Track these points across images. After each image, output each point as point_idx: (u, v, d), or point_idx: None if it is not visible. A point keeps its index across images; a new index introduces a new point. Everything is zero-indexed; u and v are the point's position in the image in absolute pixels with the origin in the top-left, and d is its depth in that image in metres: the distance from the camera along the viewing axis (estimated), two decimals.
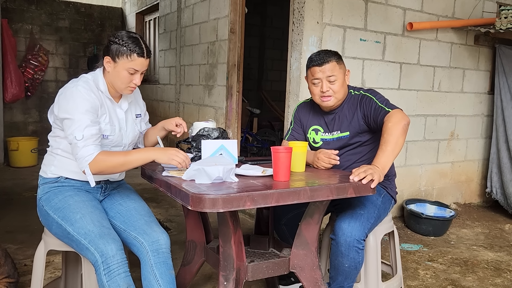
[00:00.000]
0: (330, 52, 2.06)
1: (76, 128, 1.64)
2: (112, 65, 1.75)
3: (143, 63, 1.77)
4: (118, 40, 1.73)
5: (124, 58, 1.73)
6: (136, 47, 1.73)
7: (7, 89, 5.87)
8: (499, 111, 4.25)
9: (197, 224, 1.99)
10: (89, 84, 1.76)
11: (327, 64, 2.00)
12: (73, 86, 1.72)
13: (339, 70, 2.03)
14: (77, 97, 1.68)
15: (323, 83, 2.02)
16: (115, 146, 1.86)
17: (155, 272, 1.68)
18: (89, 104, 1.69)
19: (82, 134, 1.64)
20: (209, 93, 4.59)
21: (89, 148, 1.65)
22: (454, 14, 4.03)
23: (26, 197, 4.19)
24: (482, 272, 2.85)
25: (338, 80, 2.02)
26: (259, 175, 1.74)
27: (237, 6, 4.08)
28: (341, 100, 2.08)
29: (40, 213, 1.84)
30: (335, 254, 1.89)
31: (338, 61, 2.04)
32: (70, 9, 6.88)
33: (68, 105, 1.68)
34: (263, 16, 7.77)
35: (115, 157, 1.69)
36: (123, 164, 1.69)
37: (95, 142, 1.68)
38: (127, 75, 1.75)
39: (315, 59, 2.03)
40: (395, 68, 3.75)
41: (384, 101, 1.99)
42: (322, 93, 2.03)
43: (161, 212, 3.88)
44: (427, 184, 4.17)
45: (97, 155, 1.65)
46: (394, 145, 1.82)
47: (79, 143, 1.64)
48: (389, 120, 1.88)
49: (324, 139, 2.15)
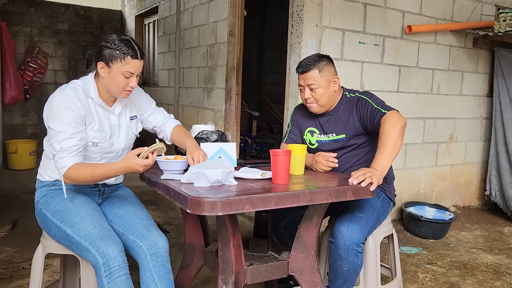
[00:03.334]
0: (314, 59, 2.05)
1: (56, 140, 1.66)
2: (106, 70, 1.72)
3: (138, 65, 1.73)
4: (110, 44, 1.69)
5: (118, 62, 1.69)
6: (130, 50, 1.69)
7: (6, 91, 5.87)
8: (498, 113, 4.26)
9: (196, 227, 1.98)
10: (76, 91, 1.73)
11: (308, 73, 2.02)
12: (59, 94, 1.70)
13: (320, 79, 2.02)
14: (61, 106, 1.67)
15: (305, 90, 2.06)
16: (107, 153, 1.83)
17: (153, 275, 1.68)
18: (72, 114, 1.67)
19: (61, 146, 1.66)
20: (208, 96, 4.59)
21: (65, 160, 1.66)
22: (453, 17, 4.04)
23: (24, 200, 4.18)
24: (482, 275, 2.85)
25: (320, 88, 2.03)
26: (258, 178, 1.74)
27: (236, 9, 4.09)
28: (327, 105, 2.09)
29: (38, 216, 1.83)
30: (334, 257, 1.89)
31: (322, 69, 2.03)
32: (70, 11, 6.88)
33: (52, 114, 1.67)
34: (262, 19, 7.79)
35: (84, 171, 1.68)
36: (91, 178, 1.69)
37: (72, 154, 1.67)
38: (122, 79, 1.72)
39: (300, 65, 2.07)
40: (394, 71, 3.75)
41: (380, 103, 2.00)
42: (305, 99, 2.08)
43: (160, 215, 3.87)
44: (426, 187, 4.17)
45: (69, 167, 1.66)
46: (392, 147, 1.82)
47: (57, 154, 1.67)
48: (386, 122, 1.88)
49: (319, 141, 2.15)
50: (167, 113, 2.10)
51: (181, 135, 2.00)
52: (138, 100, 1.98)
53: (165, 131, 2.05)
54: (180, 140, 1.98)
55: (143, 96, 2.01)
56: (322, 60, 2.05)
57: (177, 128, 2.05)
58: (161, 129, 2.06)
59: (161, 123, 2.04)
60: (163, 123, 2.05)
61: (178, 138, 2.00)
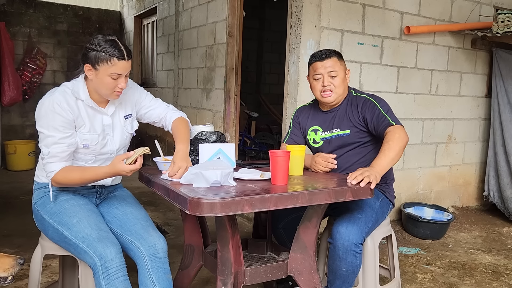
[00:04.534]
0: (331, 50, 2.14)
1: (44, 143, 1.69)
2: (93, 72, 1.69)
3: (125, 65, 1.69)
4: (95, 46, 1.65)
5: (104, 64, 1.65)
6: (115, 51, 1.65)
7: (5, 92, 5.86)
8: (496, 114, 4.26)
9: (195, 228, 1.98)
10: (66, 94, 1.71)
11: (329, 60, 2.08)
12: (48, 97, 1.70)
13: (340, 67, 2.10)
14: (49, 111, 1.67)
15: (324, 77, 2.08)
16: (100, 154, 1.82)
17: (152, 276, 1.67)
18: (60, 119, 1.67)
19: (49, 151, 1.68)
20: (207, 97, 4.59)
21: (53, 165, 1.69)
22: (451, 18, 4.05)
23: (23, 201, 4.17)
24: (480, 276, 2.85)
25: (338, 76, 2.08)
26: (257, 179, 1.74)
27: (235, 9, 4.09)
28: (340, 96, 2.12)
29: (36, 218, 1.83)
30: (332, 258, 1.89)
31: (339, 59, 2.12)
32: (68, 12, 6.88)
33: (40, 118, 1.69)
34: (261, 19, 7.79)
35: (72, 175, 1.69)
36: (80, 182, 1.71)
37: (60, 159, 1.69)
38: (110, 81, 1.69)
39: (317, 54, 2.11)
40: (392, 72, 3.76)
41: (388, 111, 2.03)
42: (323, 87, 2.08)
43: (159, 216, 3.87)
44: (425, 188, 4.18)
45: (58, 172, 1.68)
46: (396, 155, 1.85)
47: (45, 159, 1.69)
48: (396, 131, 1.91)
49: (324, 138, 2.16)
50: (166, 104, 2.03)
51: (175, 134, 1.92)
52: (133, 97, 1.92)
53: (166, 125, 2.01)
54: (176, 137, 1.90)
55: (137, 91, 1.95)
56: (337, 52, 2.14)
57: (175, 122, 1.96)
58: (161, 124, 2.02)
59: (160, 117, 1.99)
60: (162, 117, 1.99)
61: (175, 135, 1.92)
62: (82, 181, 1.71)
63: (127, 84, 1.78)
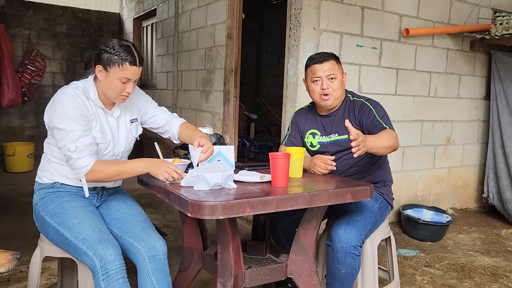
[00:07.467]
0: (329, 53, 2.13)
1: (69, 140, 1.65)
2: (104, 74, 1.71)
3: (136, 71, 1.72)
4: (109, 49, 1.68)
5: (115, 67, 1.68)
6: (128, 56, 1.68)
7: (4, 94, 5.85)
8: (495, 116, 4.27)
9: (194, 231, 1.98)
10: (78, 91, 1.73)
11: (327, 62, 2.07)
12: (62, 95, 1.70)
13: (338, 70, 2.09)
14: (66, 106, 1.67)
15: (323, 80, 2.07)
16: (105, 155, 1.82)
17: (151, 278, 1.68)
18: (79, 112, 1.68)
19: (76, 146, 1.65)
20: (206, 99, 4.59)
21: (85, 159, 1.67)
22: (450, 20, 4.06)
23: (22, 203, 4.17)
24: (479, 278, 2.85)
25: (337, 79, 2.08)
26: (257, 181, 1.74)
27: (234, 11, 4.10)
28: (338, 100, 2.12)
29: (36, 219, 1.83)
30: (331, 261, 1.89)
31: (337, 62, 2.11)
32: (68, 14, 6.88)
33: (58, 115, 1.67)
34: (260, 21, 7.80)
35: (110, 167, 1.70)
36: (118, 174, 1.72)
37: (90, 152, 1.68)
38: (119, 84, 1.71)
39: (315, 57, 2.10)
40: (391, 74, 3.77)
41: (384, 116, 2.02)
42: (322, 90, 2.07)
43: (158, 218, 3.87)
44: (423, 190, 4.18)
45: (93, 165, 1.67)
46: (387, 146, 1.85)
47: (73, 155, 1.66)
48: (388, 131, 1.91)
49: (321, 142, 2.16)
50: (170, 112, 2.08)
51: (190, 131, 1.98)
52: (139, 102, 1.97)
53: (172, 130, 2.03)
54: (190, 135, 1.94)
55: (143, 97, 2.00)
56: (334, 55, 2.13)
57: (184, 125, 2.03)
58: (165, 129, 2.04)
59: (164, 123, 2.03)
60: (166, 122, 2.03)
61: (188, 134, 1.97)
62: (120, 174, 1.71)
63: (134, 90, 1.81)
